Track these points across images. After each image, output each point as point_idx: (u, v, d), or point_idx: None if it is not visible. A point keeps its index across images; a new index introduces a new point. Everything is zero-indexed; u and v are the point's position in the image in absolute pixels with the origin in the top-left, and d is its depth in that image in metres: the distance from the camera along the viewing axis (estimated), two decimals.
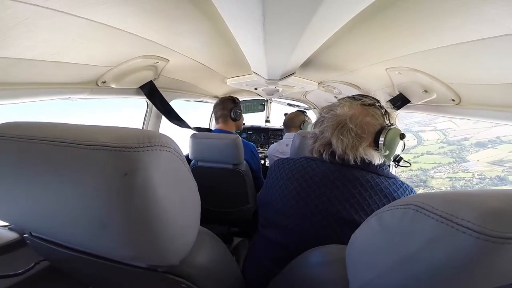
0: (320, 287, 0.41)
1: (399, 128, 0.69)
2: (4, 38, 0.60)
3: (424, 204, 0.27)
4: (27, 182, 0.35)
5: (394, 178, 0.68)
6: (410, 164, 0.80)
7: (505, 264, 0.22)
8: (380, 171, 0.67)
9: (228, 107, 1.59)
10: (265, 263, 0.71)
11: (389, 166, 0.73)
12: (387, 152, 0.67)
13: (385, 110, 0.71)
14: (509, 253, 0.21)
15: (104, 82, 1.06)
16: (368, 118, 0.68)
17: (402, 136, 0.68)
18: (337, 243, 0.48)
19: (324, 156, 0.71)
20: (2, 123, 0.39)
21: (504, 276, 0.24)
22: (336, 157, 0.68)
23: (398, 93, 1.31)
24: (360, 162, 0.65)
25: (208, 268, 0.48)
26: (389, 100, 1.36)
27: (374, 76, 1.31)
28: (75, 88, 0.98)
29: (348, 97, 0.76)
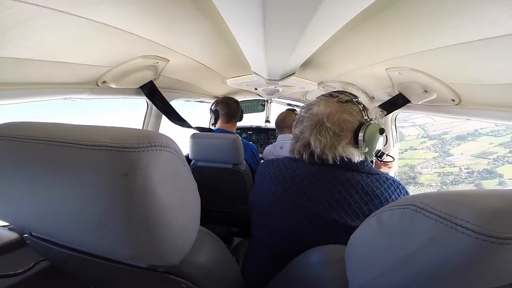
0: (320, 287, 0.41)
1: (378, 123, 0.67)
2: (4, 38, 0.60)
3: (423, 204, 0.27)
4: (27, 182, 0.35)
5: (377, 174, 0.66)
6: (394, 158, 0.78)
7: (504, 265, 0.22)
8: (361, 168, 0.65)
9: (237, 107, 1.66)
10: (263, 263, 0.71)
11: (371, 162, 0.71)
12: (367, 148, 0.65)
13: (363, 105, 0.69)
14: (508, 254, 0.21)
15: (104, 82, 1.06)
16: (346, 115, 0.66)
17: (381, 131, 0.67)
18: (320, 244, 0.48)
19: (304, 156, 0.70)
20: (2, 123, 0.39)
21: (503, 277, 0.24)
22: (315, 157, 0.67)
23: (398, 93, 1.31)
24: (339, 161, 0.64)
25: (208, 268, 0.48)
26: (388, 100, 1.37)
27: (374, 76, 1.31)
28: (75, 88, 0.98)
29: (325, 94, 0.74)
